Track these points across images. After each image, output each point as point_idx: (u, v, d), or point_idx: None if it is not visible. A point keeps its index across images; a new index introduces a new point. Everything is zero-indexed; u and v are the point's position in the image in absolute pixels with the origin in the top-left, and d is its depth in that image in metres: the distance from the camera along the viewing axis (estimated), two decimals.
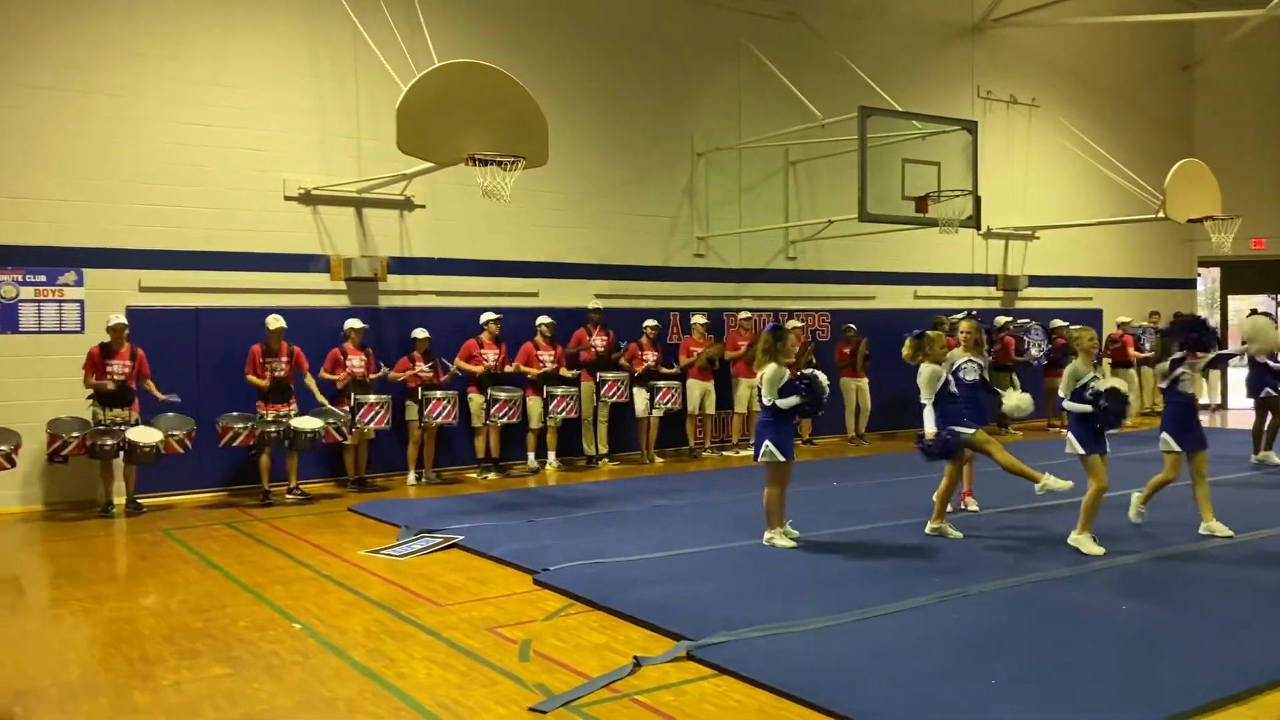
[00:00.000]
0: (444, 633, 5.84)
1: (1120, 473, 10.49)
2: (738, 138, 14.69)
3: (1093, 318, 17.84)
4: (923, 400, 7.82)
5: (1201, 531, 7.94)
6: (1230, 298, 21.55)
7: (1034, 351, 15.19)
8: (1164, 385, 8.14)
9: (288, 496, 10.45)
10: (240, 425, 10.14)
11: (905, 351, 7.92)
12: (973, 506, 8.99)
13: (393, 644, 5.66)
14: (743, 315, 13.93)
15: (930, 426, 7.79)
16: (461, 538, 8.16)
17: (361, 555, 7.87)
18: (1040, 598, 6.27)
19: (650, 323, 12.97)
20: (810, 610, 5.90)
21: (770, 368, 7.66)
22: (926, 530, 8.09)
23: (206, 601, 6.62)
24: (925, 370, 7.80)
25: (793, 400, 7.56)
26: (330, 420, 10.42)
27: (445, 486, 11.20)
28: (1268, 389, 11.61)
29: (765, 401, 7.67)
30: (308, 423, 10.30)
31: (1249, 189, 18.58)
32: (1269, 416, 11.87)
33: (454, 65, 9.70)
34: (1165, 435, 7.96)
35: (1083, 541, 7.40)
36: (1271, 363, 11.46)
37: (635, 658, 5.21)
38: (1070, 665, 5.01)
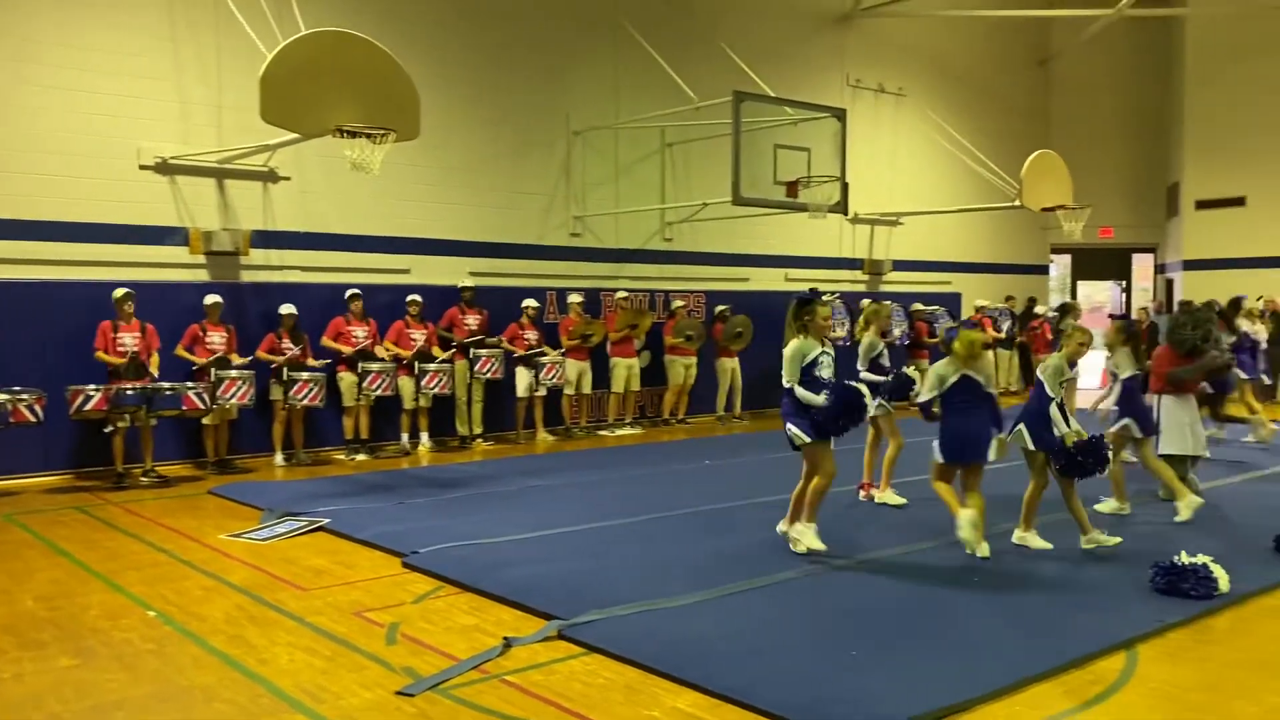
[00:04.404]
0: (308, 618, 5.71)
1: None
2: (615, 117, 14.68)
3: (952, 301, 18.56)
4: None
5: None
6: (1080, 283, 22.81)
7: (895, 332, 15.84)
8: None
9: (143, 479, 10.01)
10: (93, 389, 9.47)
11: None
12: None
13: (254, 630, 5.51)
14: (619, 295, 13.97)
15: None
16: (328, 520, 7.98)
17: (222, 539, 7.62)
18: (900, 573, 6.51)
19: (530, 302, 12.87)
20: (679, 588, 5.99)
21: (792, 344, 6.59)
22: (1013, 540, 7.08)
23: (53, 590, 6.30)
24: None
25: (816, 398, 6.47)
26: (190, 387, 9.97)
27: (313, 468, 10.91)
28: None
29: (784, 383, 6.61)
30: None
31: (1099, 179, 19.66)
32: None
33: (322, 33, 9.37)
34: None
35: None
36: None
37: (505, 638, 5.20)
38: (926, 635, 5.23)
